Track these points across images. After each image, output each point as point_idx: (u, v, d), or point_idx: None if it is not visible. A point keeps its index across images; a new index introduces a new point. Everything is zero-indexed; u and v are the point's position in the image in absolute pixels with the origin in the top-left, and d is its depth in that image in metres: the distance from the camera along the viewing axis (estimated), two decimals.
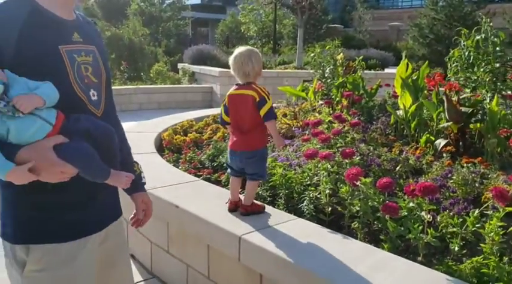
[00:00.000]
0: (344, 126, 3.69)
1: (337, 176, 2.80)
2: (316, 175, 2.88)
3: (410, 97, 3.93)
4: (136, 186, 1.64)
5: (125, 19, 22.82)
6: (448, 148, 3.31)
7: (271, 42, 22.26)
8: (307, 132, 3.99)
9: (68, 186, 1.28)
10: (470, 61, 3.87)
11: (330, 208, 2.66)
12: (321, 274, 1.95)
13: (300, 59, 14.10)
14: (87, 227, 1.42)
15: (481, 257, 1.99)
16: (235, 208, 2.56)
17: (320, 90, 5.18)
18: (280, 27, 24.24)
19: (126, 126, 2.25)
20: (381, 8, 33.26)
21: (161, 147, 4.46)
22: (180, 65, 13.87)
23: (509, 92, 3.65)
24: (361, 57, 5.41)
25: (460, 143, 3.44)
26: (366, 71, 5.72)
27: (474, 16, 19.26)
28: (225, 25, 31.20)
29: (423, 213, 2.20)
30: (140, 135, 4.69)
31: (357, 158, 3.10)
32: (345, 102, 4.59)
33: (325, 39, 23.78)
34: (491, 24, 4.00)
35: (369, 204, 2.38)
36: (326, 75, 5.19)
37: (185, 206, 2.70)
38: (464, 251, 2.17)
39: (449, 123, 3.35)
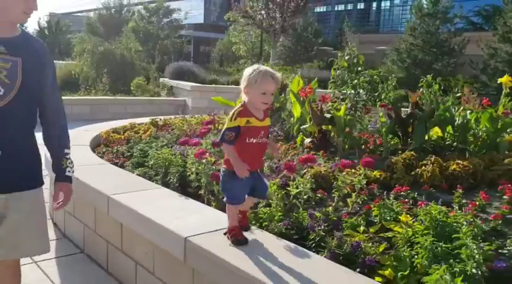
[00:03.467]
0: None
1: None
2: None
3: (298, 107, 4.78)
4: (59, 176, 2.22)
5: (119, 36, 23.88)
6: (309, 144, 4.15)
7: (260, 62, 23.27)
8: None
9: None
10: (345, 78, 4.73)
11: (196, 184, 3.48)
12: (161, 222, 2.79)
13: None
14: None
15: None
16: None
17: None
18: (269, 47, 25.28)
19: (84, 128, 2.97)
20: (365, 33, 34.31)
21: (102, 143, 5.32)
22: (161, 80, 14.86)
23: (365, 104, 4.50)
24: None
25: (322, 141, 4.28)
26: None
27: (450, 43, 20.29)
28: (222, 44, 32.38)
29: None
30: (86, 132, 5.57)
31: None
32: None
33: (314, 60, 24.80)
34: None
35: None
36: None
37: (84, 179, 3.54)
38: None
39: (307, 125, 4.21)
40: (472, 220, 2.37)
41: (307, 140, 4.31)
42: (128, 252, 3.11)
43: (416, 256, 2.18)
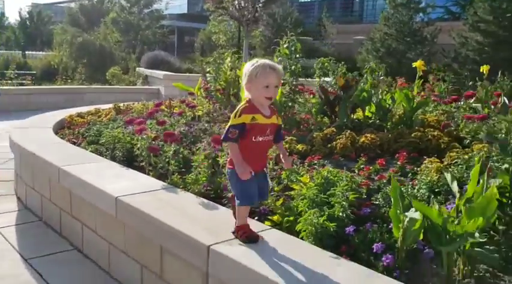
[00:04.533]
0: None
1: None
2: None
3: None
4: None
5: (98, 27, 24.02)
6: None
7: (240, 51, 23.64)
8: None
9: None
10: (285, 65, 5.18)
11: (141, 158, 3.92)
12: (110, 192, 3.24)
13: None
14: None
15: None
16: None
17: (203, 86, 6.49)
18: (249, 38, 25.62)
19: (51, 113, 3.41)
20: (348, 23, 34.79)
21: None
22: (137, 69, 15.22)
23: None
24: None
25: None
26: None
27: (422, 32, 20.85)
28: (204, 34, 32.62)
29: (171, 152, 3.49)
30: (52, 117, 5.98)
31: (180, 129, 4.39)
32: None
33: None
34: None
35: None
36: (208, 76, 6.49)
37: (40, 154, 3.97)
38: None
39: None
40: (351, 178, 2.85)
41: None
42: (76, 216, 3.56)
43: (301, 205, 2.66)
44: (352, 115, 4.71)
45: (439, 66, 15.99)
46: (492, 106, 4.42)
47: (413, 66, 5.01)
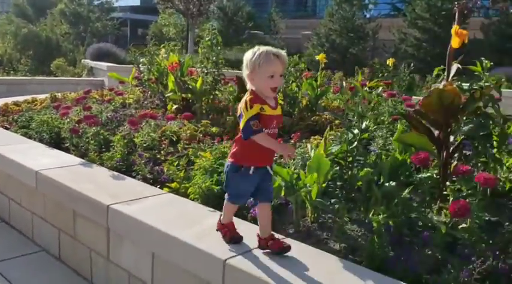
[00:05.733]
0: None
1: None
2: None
3: (172, 79, 5.65)
4: None
5: (46, 18, 23.66)
6: (175, 110, 5.07)
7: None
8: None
9: None
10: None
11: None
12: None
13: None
14: None
15: None
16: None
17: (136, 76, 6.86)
18: (199, 31, 25.96)
19: None
20: (302, 18, 35.63)
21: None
22: (82, 61, 15.30)
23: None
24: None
25: (186, 107, 5.20)
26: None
27: (364, 28, 21.83)
28: (156, 27, 32.61)
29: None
30: None
31: (107, 114, 4.77)
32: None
33: (243, 44, 25.65)
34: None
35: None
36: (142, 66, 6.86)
37: None
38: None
39: (170, 93, 5.14)
40: None
41: (174, 106, 5.22)
42: (4, 191, 3.90)
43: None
44: None
45: (380, 61, 16.90)
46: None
47: (317, 59, 5.58)
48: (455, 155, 2.73)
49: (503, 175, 2.68)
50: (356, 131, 2.79)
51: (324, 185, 2.64)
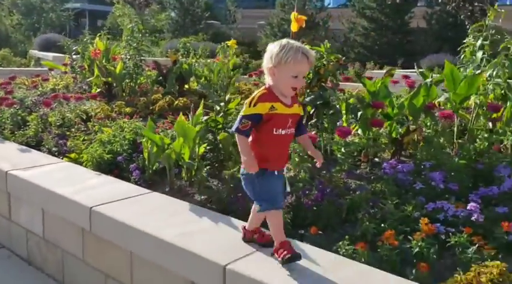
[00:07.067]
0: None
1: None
2: None
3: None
4: None
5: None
6: (98, 93, 5.43)
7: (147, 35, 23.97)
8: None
9: None
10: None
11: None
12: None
13: None
14: None
15: None
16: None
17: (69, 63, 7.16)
18: (155, 21, 26.03)
19: None
20: (260, 8, 36.00)
21: None
22: (30, 51, 15.27)
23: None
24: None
25: (108, 90, 5.57)
26: None
27: (315, 18, 22.43)
28: (113, 18, 32.35)
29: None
30: None
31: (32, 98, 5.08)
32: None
33: (199, 33, 25.88)
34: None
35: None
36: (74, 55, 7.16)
37: None
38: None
39: (93, 78, 5.52)
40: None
41: (98, 90, 5.59)
42: None
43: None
44: (186, 86, 5.66)
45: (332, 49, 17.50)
46: None
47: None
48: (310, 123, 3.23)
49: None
50: (222, 104, 3.25)
51: (201, 149, 3.10)
